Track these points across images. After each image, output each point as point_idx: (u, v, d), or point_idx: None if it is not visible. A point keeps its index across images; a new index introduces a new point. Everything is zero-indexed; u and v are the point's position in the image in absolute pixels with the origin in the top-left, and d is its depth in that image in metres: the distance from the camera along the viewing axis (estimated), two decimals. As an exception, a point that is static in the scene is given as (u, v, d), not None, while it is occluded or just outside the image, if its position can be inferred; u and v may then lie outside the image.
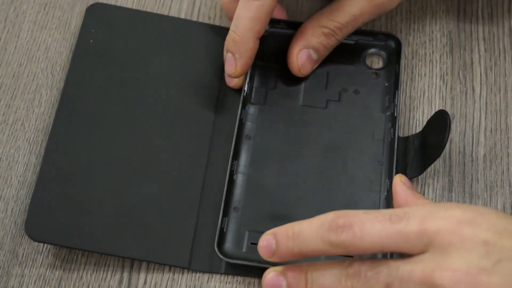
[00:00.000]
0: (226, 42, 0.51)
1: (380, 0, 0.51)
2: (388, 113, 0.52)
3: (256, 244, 0.43)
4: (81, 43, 0.55)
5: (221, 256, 0.47)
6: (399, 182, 0.46)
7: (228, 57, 0.51)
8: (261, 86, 0.54)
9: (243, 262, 0.47)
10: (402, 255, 0.40)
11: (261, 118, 0.52)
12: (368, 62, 0.55)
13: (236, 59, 0.51)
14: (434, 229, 0.38)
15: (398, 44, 0.54)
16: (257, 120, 0.52)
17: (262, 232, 0.43)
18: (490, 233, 0.38)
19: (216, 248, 0.47)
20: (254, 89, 0.54)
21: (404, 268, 0.39)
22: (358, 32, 0.53)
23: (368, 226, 0.39)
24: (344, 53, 0.54)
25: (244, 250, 0.48)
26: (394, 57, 0.54)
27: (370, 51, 0.55)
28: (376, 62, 0.55)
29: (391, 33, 0.55)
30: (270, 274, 0.44)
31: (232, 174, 0.50)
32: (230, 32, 0.51)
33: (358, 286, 0.41)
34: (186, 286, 0.48)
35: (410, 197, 0.45)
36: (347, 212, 0.41)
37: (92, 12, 0.57)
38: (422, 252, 0.39)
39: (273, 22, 0.55)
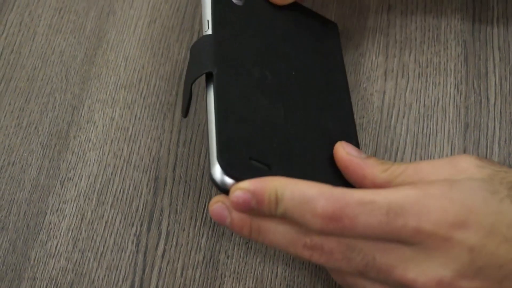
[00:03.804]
0: None
1: None
2: None
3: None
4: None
5: None
6: (343, 155, 0.44)
7: None
8: None
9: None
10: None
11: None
12: None
13: None
14: (428, 232, 0.38)
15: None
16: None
17: None
18: (477, 237, 0.38)
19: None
20: None
21: (382, 260, 0.39)
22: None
23: (362, 220, 0.38)
24: None
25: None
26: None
27: None
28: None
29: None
30: (217, 204, 0.42)
31: None
32: None
33: (320, 260, 0.40)
34: (198, 292, 0.49)
35: (362, 169, 0.43)
36: (337, 198, 0.39)
37: None
38: (404, 244, 0.39)
39: None
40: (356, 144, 0.49)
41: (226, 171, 0.42)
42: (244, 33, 0.50)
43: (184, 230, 0.50)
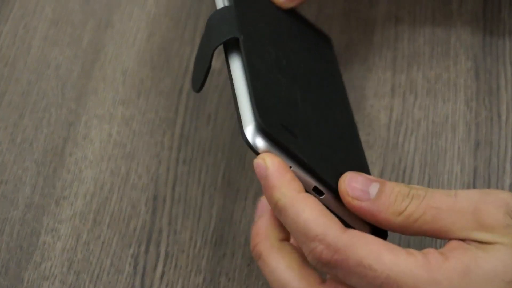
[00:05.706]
0: None
1: None
2: None
3: None
4: None
5: None
6: (350, 202, 0.41)
7: None
8: None
9: None
10: None
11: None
12: None
13: None
14: None
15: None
16: None
17: None
18: None
19: None
20: None
21: None
22: None
23: (353, 279, 0.38)
24: None
25: None
26: None
27: None
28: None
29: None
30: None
31: None
32: None
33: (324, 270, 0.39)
34: (198, 317, 0.48)
35: (374, 216, 0.41)
36: (338, 250, 0.38)
37: None
38: None
39: None
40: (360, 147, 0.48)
41: (261, 130, 0.40)
42: (259, 16, 0.49)
43: (183, 251, 0.50)
